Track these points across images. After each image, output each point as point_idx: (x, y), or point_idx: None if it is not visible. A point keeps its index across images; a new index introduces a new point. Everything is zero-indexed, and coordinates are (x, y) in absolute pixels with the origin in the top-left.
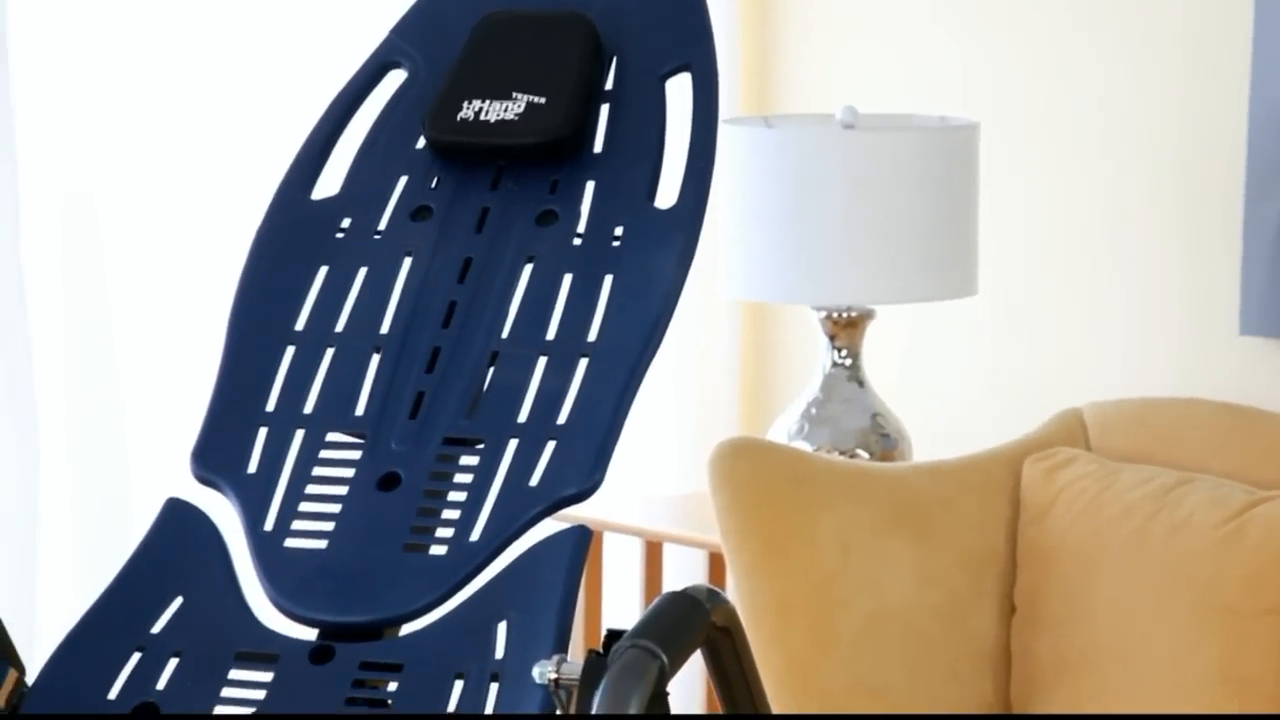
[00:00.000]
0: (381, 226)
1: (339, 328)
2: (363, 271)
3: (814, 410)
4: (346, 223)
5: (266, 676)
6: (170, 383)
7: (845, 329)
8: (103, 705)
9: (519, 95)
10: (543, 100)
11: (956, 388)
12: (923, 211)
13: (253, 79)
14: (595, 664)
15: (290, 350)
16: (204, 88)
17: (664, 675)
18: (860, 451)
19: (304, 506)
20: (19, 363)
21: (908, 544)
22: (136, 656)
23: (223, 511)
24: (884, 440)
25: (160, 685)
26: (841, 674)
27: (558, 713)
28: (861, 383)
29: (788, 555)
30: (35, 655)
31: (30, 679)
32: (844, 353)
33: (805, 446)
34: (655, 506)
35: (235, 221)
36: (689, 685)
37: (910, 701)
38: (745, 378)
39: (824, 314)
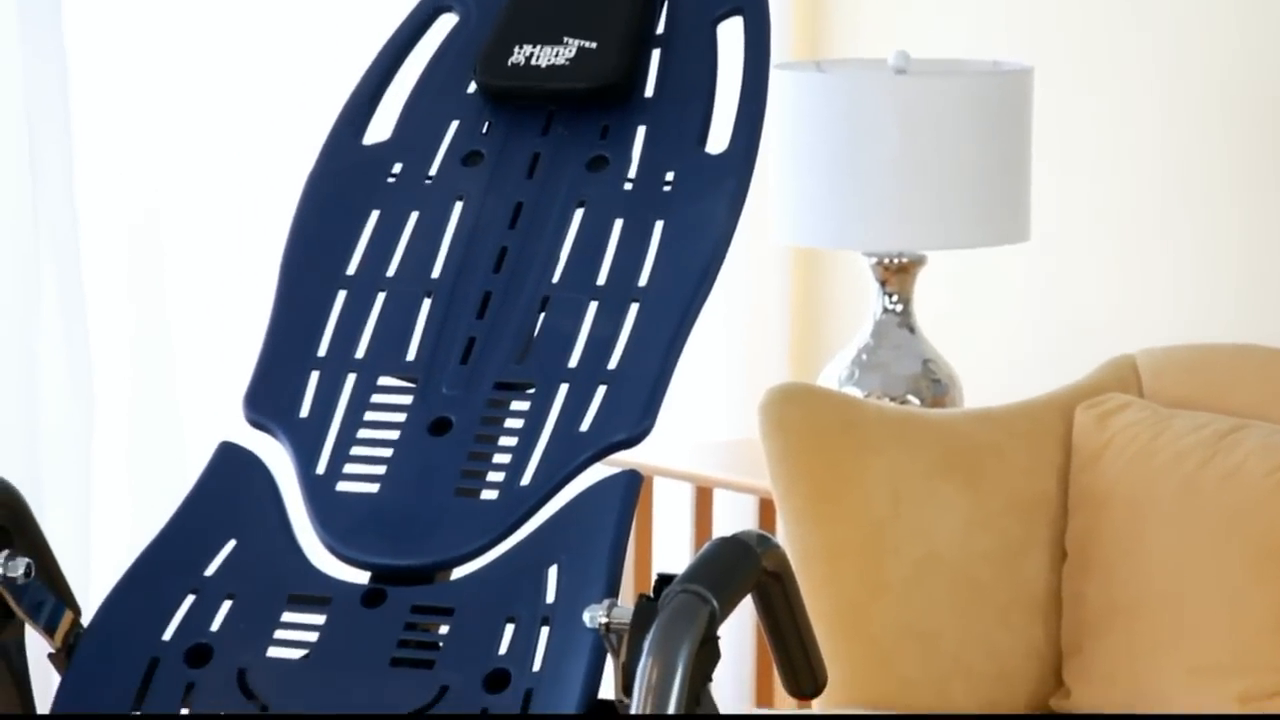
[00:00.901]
0: (433, 171)
1: (390, 272)
2: (414, 216)
3: (864, 356)
4: (398, 168)
5: (319, 619)
6: (222, 327)
7: (896, 275)
8: (157, 646)
9: (570, 40)
10: (594, 45)
11: (1008, 334)
12: (975, 157)
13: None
14: (646, 608)
15: (342, 294)
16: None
17: (714, 620)
18: (911, 397)
19: (356, 450)
20: (73, 308)
21: (958, 490)
22: (190, 599)
23: (275, 455)
24: (935, 386)
25: (214, 627)
26: (892, 619)
27: (609, 657)
28: (912, 329)
29: (838, 501)
30: (90, 597)
31: (85, 620)
32: (895, 299)
33: (856, 392)
34: (705, 452)
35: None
36: (739, 631)
37: (960, 647)
38: (796, 323)
39: (875, 260)
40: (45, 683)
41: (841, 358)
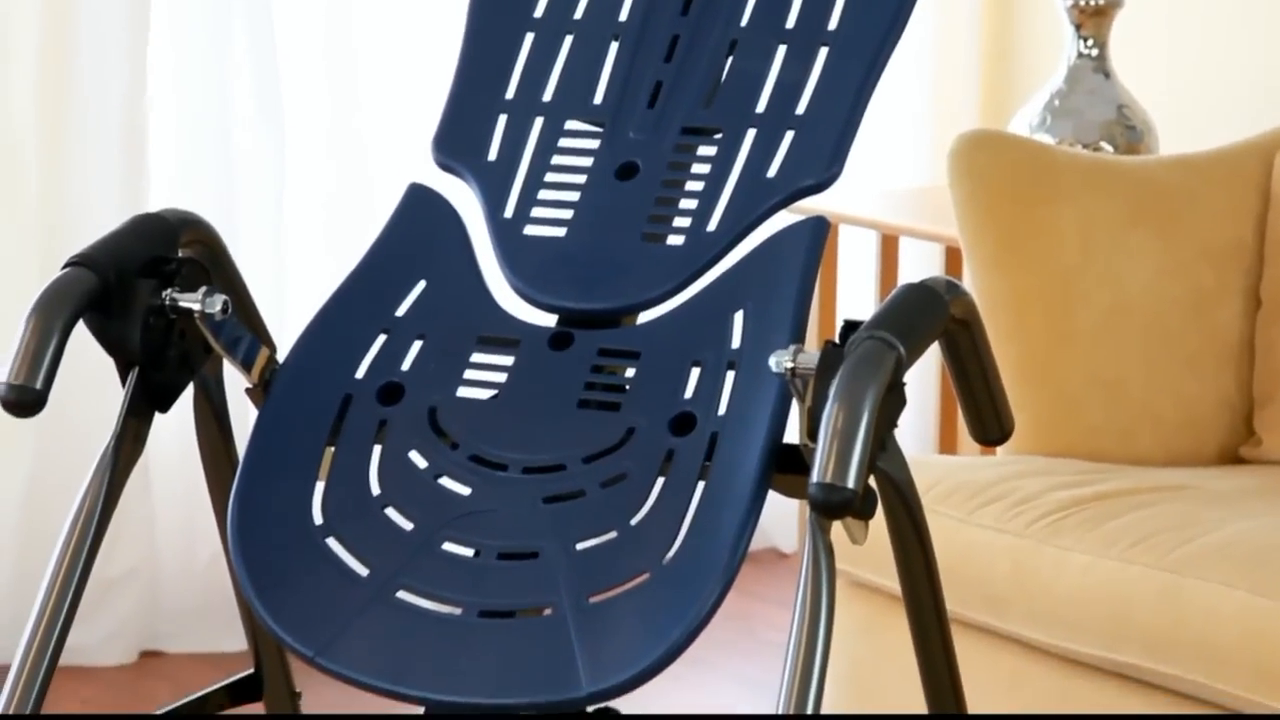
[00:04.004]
0: None
1: (577, 15)
2: None
3: (1057, 102)
4: None
5: (507, 360)
6: (411, 67)
7: (1092, 18)
8: (350, 384)
9: None
10: None
11: (1207, 78)
12: None
13: None
14: (832, 354)
15: (529, 37)
16: None
17: (901, 366)
18: (1104, 144)
19: (543, 194)
20: (264, 50)
21: (1151, 237)
22: (382, 338)
23: (463, 198)
24: (1129, 133)
25: (405, 366)
26: (1080, 367)
27: (794, 402)
28: (1107, 74)
29: (1027, 249)
30: (284, 336)
31: (280, 357)
32: (1090, 42)
33: (1047, 139)
34: (892, 199)
35: None
36: (923, 378)
37: (1148, 395)
38: (986, 68)
39: (1070, 2)
40: (242, 417)
41: (1033, 103)
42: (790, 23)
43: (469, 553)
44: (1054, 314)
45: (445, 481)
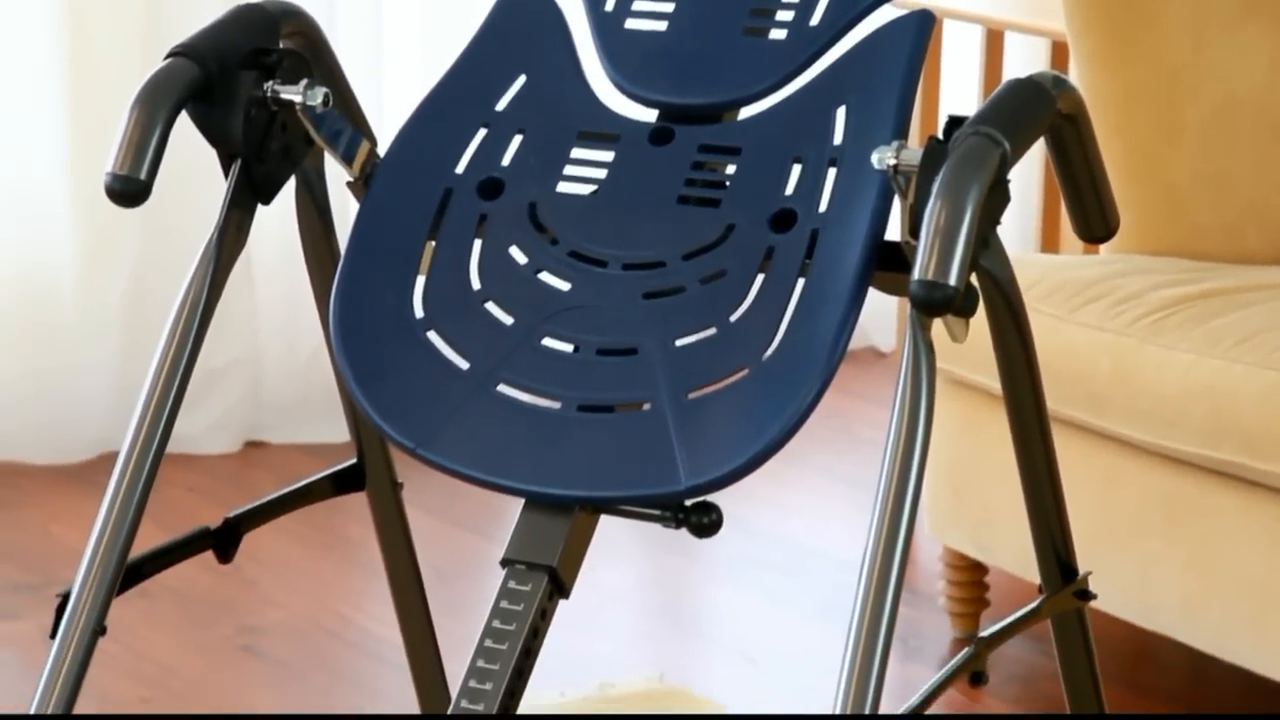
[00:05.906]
0: None
1: None
2: None
3: None
4: None
5: (607, 156)
6: None
7: None
8: (450, 178)
9: None
10: None
11: None
12: None
13: None
14: (936, 150)
15: None
16: None
17: (1006, 162)
18: None
19: None
20: None
21: (1264, 31)
22: (482, 132)
23: None
24: None
25: (505, 161)
26: (1187, 164)
27: (896, 199)
28: None
29: (1136, 43)
30: (384, 131)
31: (380, 152)
32: None
33: None
34: None
35: None
36: (1026, 176)
37: (1256, 192)
38: None
39: None
40: (344, 211)
41: None
42: None
43: (568, 348)
44: (1162, 110)
45: (545, 277)
